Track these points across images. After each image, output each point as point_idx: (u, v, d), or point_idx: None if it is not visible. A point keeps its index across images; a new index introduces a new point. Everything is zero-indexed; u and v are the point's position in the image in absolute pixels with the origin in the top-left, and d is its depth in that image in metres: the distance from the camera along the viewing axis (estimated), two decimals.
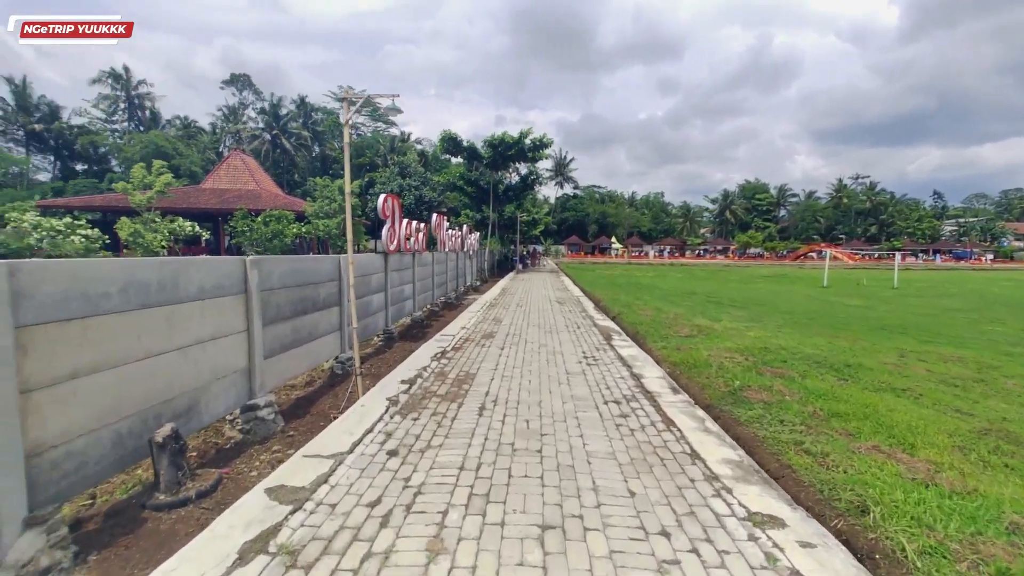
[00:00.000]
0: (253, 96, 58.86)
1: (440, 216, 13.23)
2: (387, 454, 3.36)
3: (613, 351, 6.82)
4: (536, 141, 24.34)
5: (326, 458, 3.25)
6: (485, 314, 10.73)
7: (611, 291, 18.94)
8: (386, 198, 8.33)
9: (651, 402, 4.63)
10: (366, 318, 7.70)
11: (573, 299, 14.49)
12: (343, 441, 3.63)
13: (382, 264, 8.58)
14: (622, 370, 5.81)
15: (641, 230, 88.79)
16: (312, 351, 5.68)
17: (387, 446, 3.54)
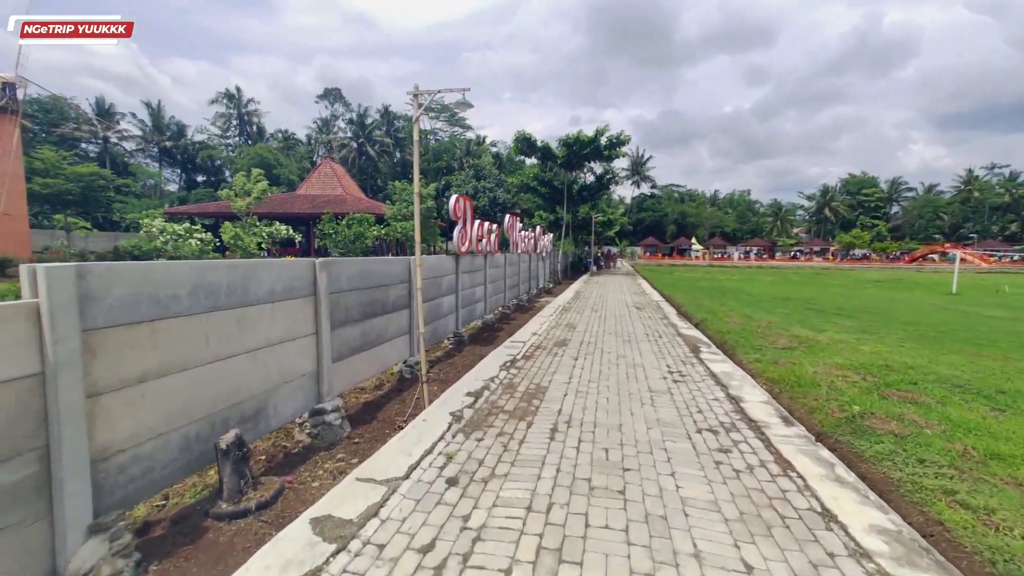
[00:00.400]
0: (343, 108, 63.21)
1: (513, 217, 12.98)
2: (446, 483, 3.04)
3: (703, 366, 6.05)
4: (612, 139, 23.39)
5: (380, 483, 3.02)
6: (558, 319, 10.28)
7: (693, 295, 17.62)
8: (458, 199, 8.18)
9: (757, 434, 3.90)
10: (436, 321, 7.58)
11: (652, 304, 13.55)
12: (399, 463, 3.36)
13: (453, 266, 8.45)
14: (715, 390, 5.08)
15: (724, 230, 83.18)
16: (380, 355, 5.59)
17: (447, 472, 3.21)
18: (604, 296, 15.97)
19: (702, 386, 5.08)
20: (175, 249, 17.78)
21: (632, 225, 79.96)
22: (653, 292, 17.80)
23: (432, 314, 7.38)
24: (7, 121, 19.61)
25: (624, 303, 13.91)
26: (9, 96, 19.72)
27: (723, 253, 71.96)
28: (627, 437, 3.68)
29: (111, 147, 51.41)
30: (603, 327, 9.13)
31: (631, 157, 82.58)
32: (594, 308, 12.38)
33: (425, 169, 63.38)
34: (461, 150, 65.71)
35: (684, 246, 73.05)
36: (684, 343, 7.64)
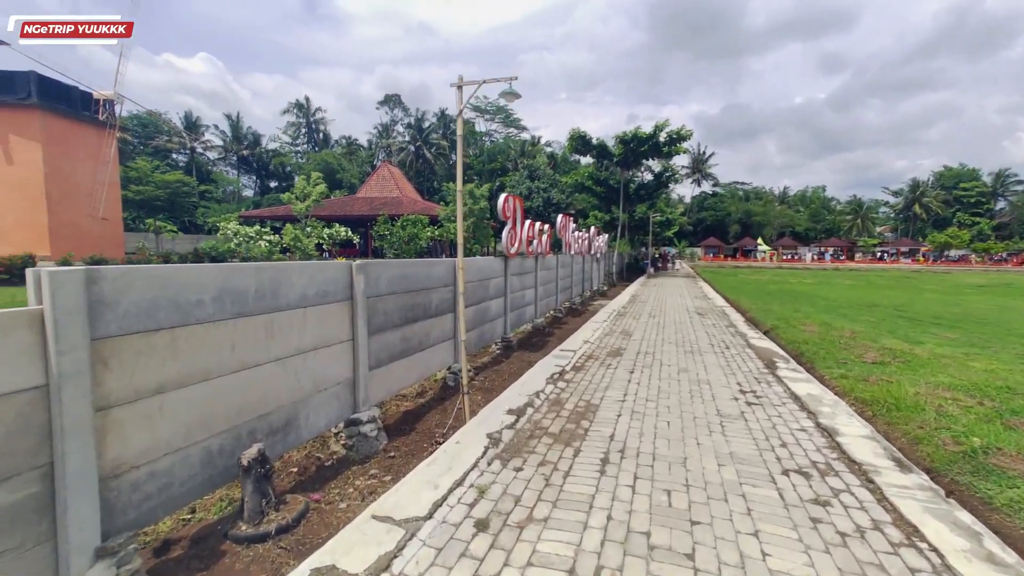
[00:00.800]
0: (402, 113, 65.20)
1: (566, 217, 12.49)
2: (474, 526, 2.59)
3: (781, 385, 5.31)
4: (672, 134, 22.14)
5: (397, 524, 2.63)
6: (612, 325, 9.67)
7: (761, 300, 16.25)
8: (506, 198, 7.84)
9: (863, 480, 3.09)
10: (483, 325, 7.28)
11: (715, 310, 12.53)
12: (424, 498, 2.90)
13: (501, 268, 8.12)
14: (800, 417, 4.29)
15: (795, 230, 77.46)
16: (422, 361, 5.33)
17: (476, 512, 2.74)
18: (662, 300, 15.04)
19: (783, 411, 4.34)
20: (246, 250, 18.89)
21: (692, 225, 76.36)
22: (716, 296, 16.59)
23: (479, 318, 7.08)
24: (106, 134, 21.79)
25: (684, 308, 12.97)
26: (108, 112, 21.91)
27: (793, 254, 66.94)
28: (694, 475, 3.08)
29: (197, 156, 56.19)
30: (662, 335, 8.44)
31: (691, 154, 78.95)
32: (652, 313, 11.61)
33: (479, 170, 64.00)
34: (516, 151, 65.70)
35: (749, 247, 68.73)
36: (756, 356, 6.80)
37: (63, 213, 19.84)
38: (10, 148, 18.77)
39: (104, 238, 21.52)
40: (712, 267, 47.67)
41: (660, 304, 13.82)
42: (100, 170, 21.18)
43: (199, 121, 57.47)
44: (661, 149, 22.63)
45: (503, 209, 7.73)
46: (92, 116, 21.58)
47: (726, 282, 25.12)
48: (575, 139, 22.67)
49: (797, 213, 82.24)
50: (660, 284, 21.80)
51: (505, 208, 7.79)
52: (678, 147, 22.55)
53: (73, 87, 20.76)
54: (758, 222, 76.08)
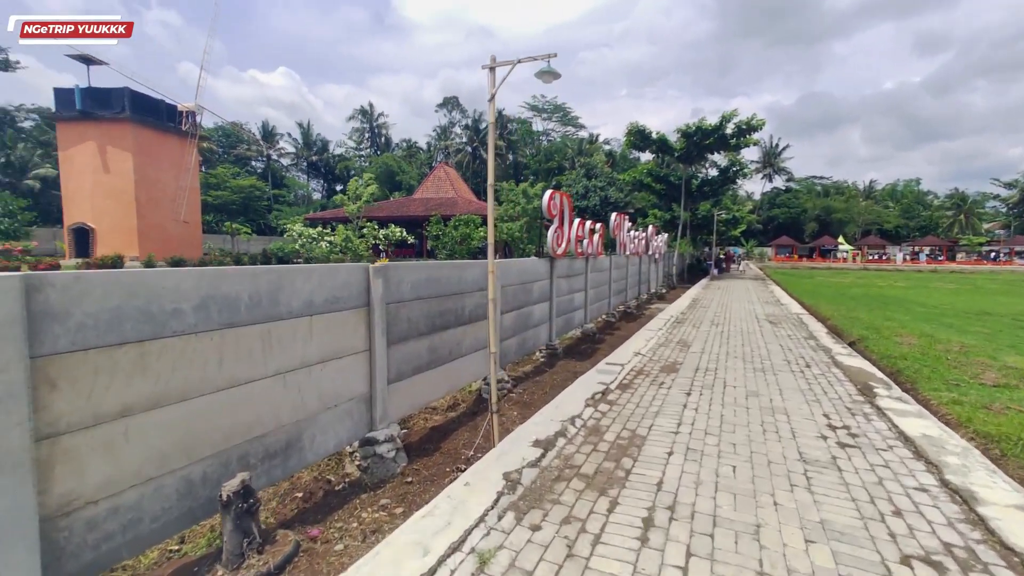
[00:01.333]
0: (459, 115, 66.14)
1: (620, 215, 11.66)
2: None
3: (883, 420, 4.20)
4: (742, 125, 20.31)
5: None
6: (669, 333, 8.79)
7: (843, 306, 14.47)
8: (552, 194, 7.25)
9: None
10: (524, 332, 6.74)
11: (790, 317, 11.15)
12: (406, 571, 2.21)
13: (547, 270, 7.53)
14: (917, 470, 3.19)
15: (883, 227, 70.08)
16: (453, 372, 4.88)
17: None
18: (727, 305, 13.70)
19: (890, 458, 3.35)
20: (308, 251, 19.63)
21: (762, 223, 71.27)
22: (790, 301, 14.93)
23: (520, 324, 6.55)
24: (187, 143, 23.65)
25: (753, 315, 11.66)
26: (190, 122, 23.76)
27: (881, 254, 60.51)
28: (772, 558, 2.22)
29: (272, 163, 60.19)
30: (726, 347, 7.46)
31: (762, 147, 73.66)
32: (715, 321, 10.48)
33: (536, 170, 63.45)
34: (573, 150, 64.55)
35: (828, 246, 62.95)
36: (846, 377, 5.67)
37: (150, 217, 21.83)
38: (107, 159, 20.92)
39: (185, 240, 23.44)
40: (784, 268, 44.07)
41: (724, 310, 12.56)
42: (182, 177, 23.03)
43: (275, 130, 61.62)
44: (728, 142, 20.88)
45: (549, 206, 7.15)
46: (176, 127, 23.54)
47: (801, 285, 22.87)
48: (633, 134, 21.45)
49: (886, 209, 74.41)
50: (725, 287, 20.16)
51: (551, 205, 7.20)
52: (748, 139, 20.69)
53: (160, 100, 22.80)
54: (839, 219, 69.59)
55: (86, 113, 20.96)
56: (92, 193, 20.96)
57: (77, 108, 20.57)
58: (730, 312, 12.06)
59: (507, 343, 6.15)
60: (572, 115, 72.62)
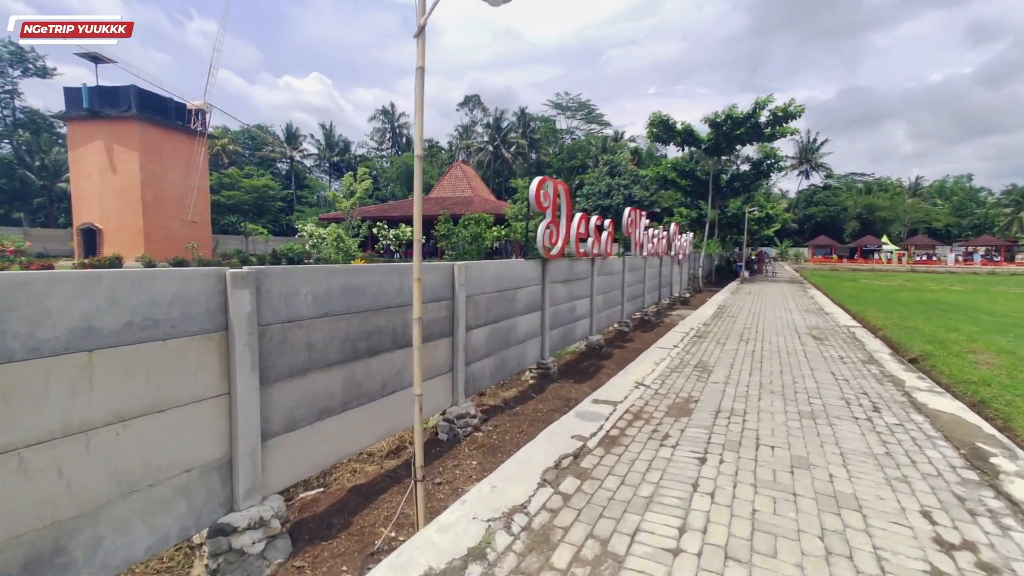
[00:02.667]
0: (481, 114, 65.35)
1: (634, 210, 10.27)
2: None
3: (1017, 515, 2.72)
4: (777, 112, 18.34)
5: None
6: (686, 353, 7.24)
7: (895, 313, 12.63)
8: (542, 182, 5.98)
9: None
10: (504, 350, 5.50)
11: (840, 332, 9.39)
12: None
13: (537, 274, 6.27)
14: None
15: (932, 226, 65.49)
16: (392, 409, 3.68)
17: None
18: (759, 313, 12.01)
19: None
20: (319, 251, 18.90)
21: (797, 222, 67.64)
22: (835, 309, 13.11)
23: (497, 341, 5.33)
24: (196, 142, 23.36)
25: (791, 327, 9.98)
26: (199, 121, 23.48)
27: (929, 255, 56.28)
28: None
29: (295, 164, 60.72)
30: (758, 376, 5.88)
31: (799, 142, 69.96)
32: (744, 336, 8.78)
33: (558, 168, 61.99)
34: (597, 148, 62.77)
35: (871, 246, 59.02)
36: (937, 431, 4.02)
37: (156, 217, 21.58)
38: (114, 158, 20.75)
39: (193, 240, 23.14)
40: (822, 270, 41.24)
41: (756, 320, 10.90)
42: (190, 176, 22.73)
43: (298, 132, 62.17)
44: (762, 131, 18.94)
45: (537, 196, 5.89)
46: (184, 125, 23.28)
47: (843, 288, 20.76)
48: (655, 124, 19.72)
49: (934, 207, 69.57)
50: (756, 292, 18.32)
51: (540, 196, 5.93)
52: (784, 128, 18.71)
53: (168, 99, 22.58)
54: (883, 218, 65.38)
55: (94, 112, 20.86)
56: (100, 193, 20.85)
57: (84, 107, 20.56)
58: (763, 323, 10.41)
59: (477, 367, 4.93)
60: (596, 113, 70.85)
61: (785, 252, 59.32)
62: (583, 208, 47.28)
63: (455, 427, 4.41)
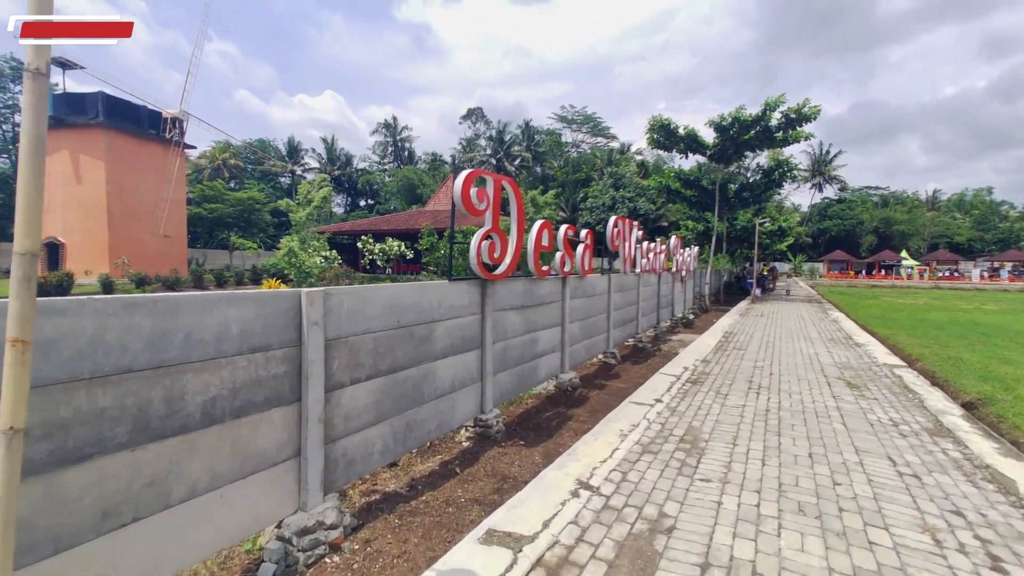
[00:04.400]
0: (484, 126, 64.66)
1: (621, 219, 8.68)
2: None
3: None
4: (790, 114, 16.68)
5: None
6: (671, 413, 5.25)
7: (929, 338, 10.88)
8: (472, 176, 4.44)
9: None
10: (412, 409, 3.90)
11: (880, 372, 7.41)
12: None
13: (472, 299, 4.69)
14: None
15: (953, 241, 62.88)
16: (189, 530, 2.08)
17: None
18: (774, 343, 10.18)
19: None
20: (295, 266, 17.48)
21: (811, 236, 65.39)
22: (865, 337, 11.26)
23: (399, 398, 3.75)
24: (172, 152, 22.31)
25: (816, 365, 8.09)
26: (175, 130, 22.46)
27: (953, 271, 53.68)
28: None
29: (297, 178, 60.20)
30: (775, 466, 3.89)
31: (811, 155, 68.06)
32: (754, 381, 6.73)
33: (563, 181, 60.66)
34: (602, 160, 61.49)
35: (889, 261, 56.52)
36: None
37: (124, 230, 20.39)
38: (80, 168, 19.70)
39: (167, 255, 21.91)
40: (839, 286, 39.01)
41: (770, 353, 9.07)
42: (164, 187, 21.63)
43: (300, 146, 61.86)
44: (773, 136, 17.25)
45: (465, 197, 4.33)
46: (158, 134, 22.24)
47: (866, 308, 18.85)
48: (656, 129, 18.12)
49: (954, 220, 66.96)
50: (770, 312, 16.48)
51: (470, 196, 4.38)
52: (797, 132, 17.01)
53: (141, 107, 21.57)
54: (901, 232, 62.93)
55: (59, 120, 19.86)
56: (63, 205, 19.69)
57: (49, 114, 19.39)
58: (779, 358, 8.55)
59: (355, 442, 3.34)
60: (603, 125, 69.74)
61: (799, 267, 57.05)
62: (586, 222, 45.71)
63: (294, 550, 2.79)
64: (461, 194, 4.29)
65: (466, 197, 4.32)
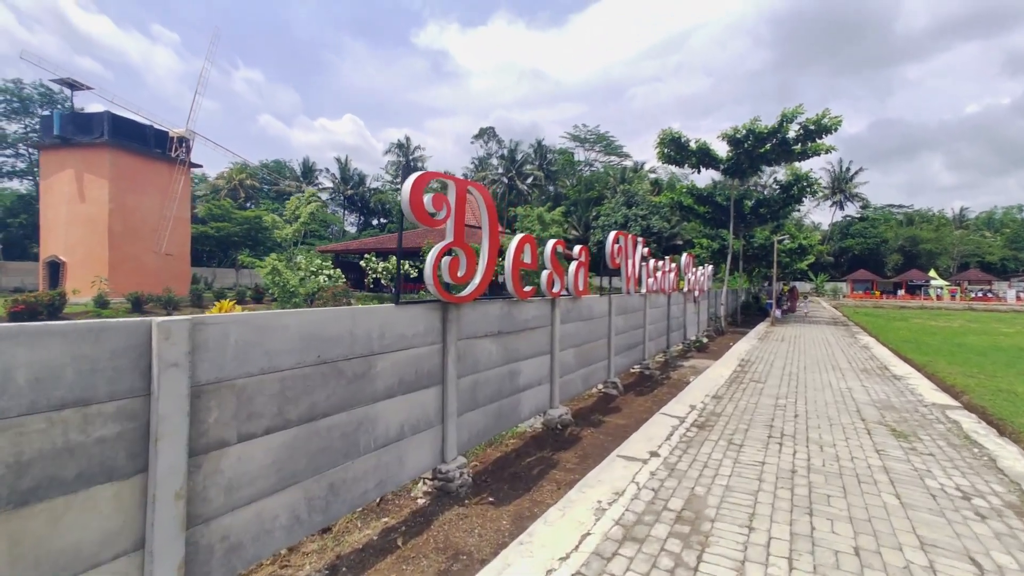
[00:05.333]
0: (496, 145, 64.90)
1: (624, 236, 7.87)
2: None
3: None
4: (809, 125, 15.73)
5: None
6: (667, 474, 4.17)
7: (972, 366, 9.77)
8: (423, 179, 3.71)
9: None
10: (340, 466, 3.11)
11: (929, 414, 6.20)
12: None
13: (429, 326, 3.91)
14: None
15: (985, 260, 60.25)
16: None
17: None
18: (797, 375, 9.09)
19: None
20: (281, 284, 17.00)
21: (833, 255, 63.35)
22: (904, 368, 10.09)
23: (317, 455, 2.96)
24: (177, 170, 22.31)
25: (850, 404, 6.82)
26: (181, 149, 22.51)
27: (986, 291, 51.13)
28: None
29: None
30: (809, 572, 2.74)
31: (831, 172, 66.49)
32: (774, 427, 5.52)
33: (575, 200, 60.18)
34: (615, 178, 60.91)
35: (917, 281, 54.15)
36: None
37: (126, 248, 20.25)
38: (83, 186, 19.74)
39: (169, 273, 21.69)
40: (865, 307, 37.19)
41: (793, 387, 8.00)
42: (167, 205, 21.55)
43: (314, 166, 62.77)
44: (791, 148, 16.29)
45: (415, 206, 3.59)
46: (164, 153, 22.29)
47: (896, 331, 17.51)
48: (666, 143, 17.31)
49: (984, 239, 64.28)
50: (792, 337, 15.31)
51: (423, 205, 3.64)
52: (817, 144, 16.04)
53: (148, 126, 21.71)
54: (928, 250, 60.56)
55: (65, 139, 20.08)
56: (67, 223, 19.72)
57: (55, 133, 19.83)
58: (805, 394, 7.45)
59: (248, 514, 2.56)
60: (616, 144, 69.43)
61: (821, 287, 55.07)
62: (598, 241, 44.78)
63: None
64: (410, 200, 3.55)
65: (416, 204, 3.58)
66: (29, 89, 40.09)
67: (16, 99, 40.07)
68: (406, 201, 3.54)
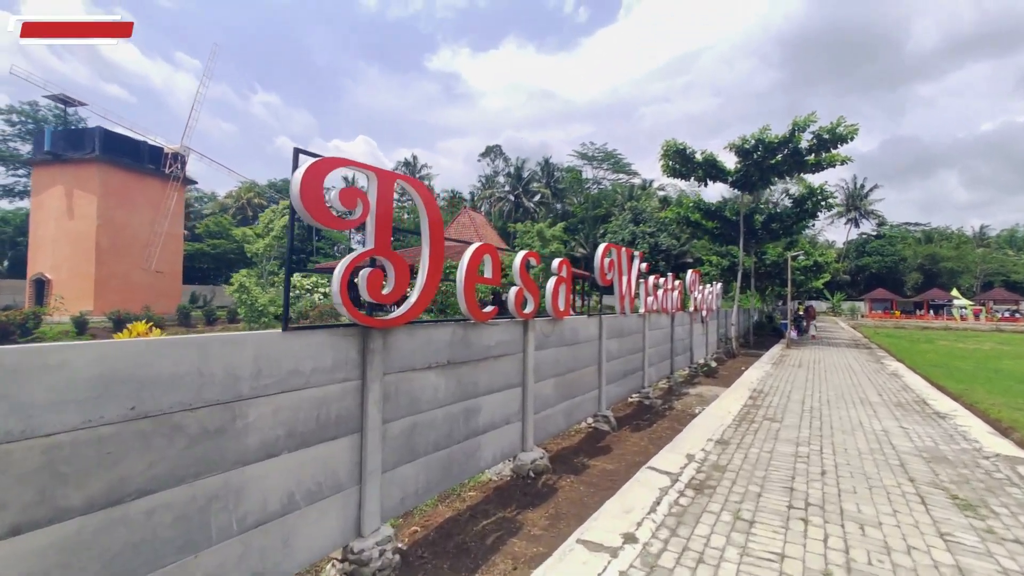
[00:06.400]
0: (503, 163, 64.77)
1: (616, 248, 6.93)
2: None
3: None
4: (822, 134, 14.74)
5: None
6: (650, 572, 2.94)
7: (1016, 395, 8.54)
8: (320, 164, 2.84)
9: None
10: (185, 560, 2.13)
11: (995, 471, 4.83)
12: None
13: (346, 356, 3.01)
14: None
15: (1010, 279, 57.92)
16: None
17: None
18: (819, 409, 7.90)
19: None
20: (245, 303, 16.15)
21: (849, 274, 61.47)
22: (939, 397, 8.84)
23: (163, 544, 2.00)
24: (170, 187, 21.98)
25: (887, 451, 5.56)
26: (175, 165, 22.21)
27: (1013, 311, 48.84)
28: None
29: None
30: None
31: (845, 189, 65.07)
32: (796, 492, 4.24)
33: (583, 217, 59.44)
34: (623, 196, 60.18)
35: (939, 300, 52.05)
36: None
37: (113, 265, 19.77)
38: (73, 203, 19.41)
39: (158, 291, 21.14)
40: (885, 327, 35.43)
41: (817, 427, 6.78)
42: (159, 221, 21.13)
43: None
44: (803, 159, 15.28)
45: (306, 200, 2.71)
46: (157, 169, 21.99)
47: (922, 354, 16.15)
48: (671, 155, 16.40)
49: (1007, 257, 61.99)
50: (810, 362, 14.06)
51: (313, 196, 2.77)
52: (832, 155, 15.01)
53: (142, 142, 21.47)
54: (949, 268, 58.47)
55: (56, 155, 19.86)
56: (54, 240, 19.35)
57: (46, 149, 19.63)
58: (831, 438, 6.16)
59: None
60: (624, 162, 68.86)
61: (838, 307, 53.19)
62: None
63: None
64: (302, 193, 2.68)
65: (312, 198, 2.72)
66: (44, 111, 40.80)
67: (31, 120, 40.80)
68: (296, 194, 2.67)
